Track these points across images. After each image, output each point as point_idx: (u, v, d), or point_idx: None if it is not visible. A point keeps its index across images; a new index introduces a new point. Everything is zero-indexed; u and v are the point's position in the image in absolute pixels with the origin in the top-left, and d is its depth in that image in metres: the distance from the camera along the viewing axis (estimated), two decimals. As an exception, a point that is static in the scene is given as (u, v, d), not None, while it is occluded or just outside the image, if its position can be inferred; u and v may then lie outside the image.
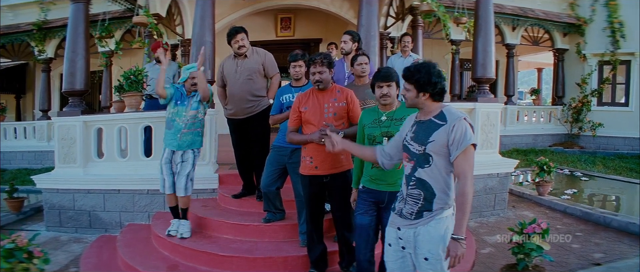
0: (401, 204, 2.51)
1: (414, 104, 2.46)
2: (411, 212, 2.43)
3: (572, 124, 12.25)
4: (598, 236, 4.94)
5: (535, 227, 3.25)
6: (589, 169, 9.11)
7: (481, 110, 5.81)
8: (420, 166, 2.40)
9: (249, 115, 4.71)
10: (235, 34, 4.57)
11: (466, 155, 2.30)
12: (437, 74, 2.41)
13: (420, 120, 2.48)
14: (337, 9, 10.58)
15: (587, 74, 12.12)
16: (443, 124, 2.36)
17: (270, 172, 4.12)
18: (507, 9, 11.50)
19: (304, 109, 3.50)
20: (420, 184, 2.41)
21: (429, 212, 2.39)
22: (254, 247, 4.01)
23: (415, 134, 2.45)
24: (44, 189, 5.68)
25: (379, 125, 2.99)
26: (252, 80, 4.69)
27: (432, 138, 2.36)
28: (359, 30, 5.45)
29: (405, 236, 2.46)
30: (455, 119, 2.34)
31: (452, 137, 2.31)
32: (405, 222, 2.46)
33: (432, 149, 2.36)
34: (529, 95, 14.89)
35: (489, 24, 5.98)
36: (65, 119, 5.58)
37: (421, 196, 2.40)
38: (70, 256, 4.87)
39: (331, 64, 3.48)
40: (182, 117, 4.32)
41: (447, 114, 2.39)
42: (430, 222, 2.39)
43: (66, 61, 5.59)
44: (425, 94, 2.40)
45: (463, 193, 2.28)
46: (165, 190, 4.40)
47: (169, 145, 4.37)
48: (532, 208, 6.27)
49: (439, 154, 2.36)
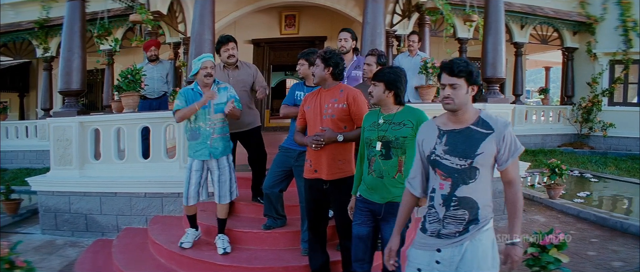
0: (436, 226, 2.20)
1: (462, 104, 2.13)
2: (456, 232, 2.16)
3: (582, 124, 11.99)
4: (615, 243, 4.71)
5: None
6: (600, 170, 8.86)
7: (491, 111, 5.57)
8: (464, 182, 2.13)
9: (245, 129, 4.54)
10: (226, 42, 4.40)
11: (516, 162, 2.16)
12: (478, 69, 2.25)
13: (454, 130, 2.18)
14: (342, 6, 10.38)
15: (598, 73, 11.86)
16: (490, 132, 2.11)
17: (274, 173, 3.96)
18: (516, 7, 11.27)
19: (306, 108, 3.35)
20: (464, 203, 2.13)
21: (476, 225, 2.15)
22: (253, 256, 3.83)
23: (450, 146, 2.16)
24: (39, 192, 5.54)
25: (376, 129, 2.79)
26: (247, 92, 4.54)
27: (481, 149, 2.10)
28: (364, 28, 5.26)
29: (448, 255, 2.16)
30: (503, 126, 2.11)
31: (504, 147, 2.10)
32: (448, 241, 2.17)
33: (481, 162, 2.11)
34: (537, 94, 14.65)
35: (500, 22, 5.76)
36: (61, 120, 5.43)
37: (466, 215, 2.14)
38: (64, 261, 4.71)
39: (329, 60, 3.21)
40: (208, 121, 3.94)
41: (490, 121, 2.14)
42: (478, 235, 2.14)
43: (62, 60, 5.44)
44: (474, 88, 2.15)
45: (516, 199, 2.15)
46: (188, 201, 4.00)
47: (198, 156, 3.97)
48: (543, 212, 6.05)
49: (486, 166, 2.14)
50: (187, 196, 3.99)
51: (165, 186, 5.15)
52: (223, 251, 3.88)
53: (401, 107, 2.83)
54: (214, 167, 4.01)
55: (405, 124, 2.75)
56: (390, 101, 2.78)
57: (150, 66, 6.44)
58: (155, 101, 6.42)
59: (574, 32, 12.30)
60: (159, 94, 6.50)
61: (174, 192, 5.10)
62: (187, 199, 4.00)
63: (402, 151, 2.74)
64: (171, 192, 5.13)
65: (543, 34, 12.49)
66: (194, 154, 4.00)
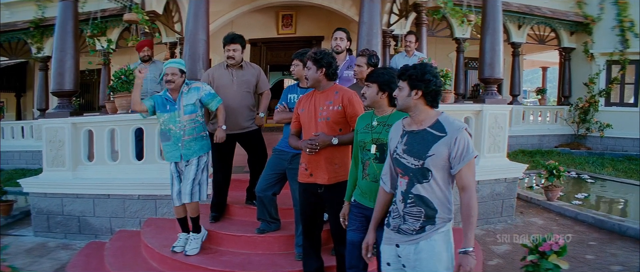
0: (398, 221, 2.30)
1: (405, 105, 2.27)
2: (412, 229, 2.23)
3: (579, 124, 11.97)
4: (614, 246, 4.67)
5: (552, 245, 2.99)
6: (597, 171, 8.82)
7: (489, 112, 5.53)
8: (418, 181, 2.21)
9: (246, 130, 4.44)
10: (230, 42, 4.28)
11: (470, 167, 2.16)
12: (433, 73, 2.23)
13: (413, 131, 2.26)
14: (339, 6, 10.34)
15: (595, 74, 11.85)
16: (442, 135, 2.17)
17: (268, 175, 3.89)
18: (513, 6, 11.23)
19: (301, 111, 3.27)
20: (420, 201, 2.21)
21: (432, 226, 2.21)
22: (247, 261, 3.76)
23: (408, 146, 2.24)
24: (31, 193, 5.46)
25: (370, 131, 2.72)
26: (250, 93, 4.45)
27: (432, 151, 2.16)
28: (360, 28, 5.21)
29: (405, 252, 2.26)
30: (456, 130, 2.16)
31: (455, 151, 2.14)
32: (405, 238, 2.26)
33: (432, 164, 2.16)
34: (534, 94, 14.60)
35: (497, 21, 5.71)
36: (53, 121, 5.36)
37: (422, 213, 2.21)
38: (56, 263, 4.64)
39: (321, 60, 3.13)
40: (178, 123, 3.91)
41: (446, 124, 2.20)
42: (433, 235, 2.21)
43: (54, 61, 5.37)
44: (417, 92, 2.20)
45: (469, 206, 2.14)
46: (173, 202, 4.04)
47: (170, 158, 3.97)
48: (540, 214, 6.00)
49: (439, 168, 2.17)
50: (172, 198, 4.03)
51: (158, 188, 5.07)
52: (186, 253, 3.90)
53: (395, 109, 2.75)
54: (182, 166, 4.01)
55: None
56: (385, 102, 2.72)
57: (143, 67, 6.36)
58: (148, 102, 6.34)
59: (571, 32, 12.28)
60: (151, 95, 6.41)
61: (167, 194, 4.99)
62: (173, 200, 4.03)
63: None
64: (165, 194, 5.06)
65: (540, 34, 12.46)
66: (166, 155, 4.03)
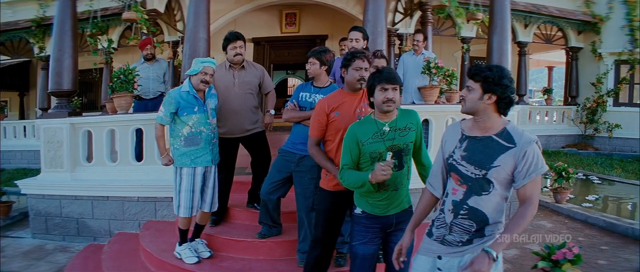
0: (443, 231, 2.12)
1: (474, 108, 2.04)
2: (459, 241, 2.06)
3: (587, 124, 11.80)
4: (627, 251, 4.51)
5: (566, 253, 2.85)
6: (606, 172, 8.66)
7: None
8: (476, 193, 2.02)
9: (250, 133, 4.29)
10: (235, 40, 4.10)
11: (536, 182, 1.96)
12: (510, 78, 2.02)
13: (476, 137, 2.06)
14: (343, 4, 10.22)
15: (603, 74, 11.67)
16: (511, 146, 1.97)
17: (273, 178, 3.71)
18: (520, 5, 11.07)
19: (335, 114, 2.86)
20: (473, 214, 2.03)
21: (481, 239, 2.03)
22: (247, 267, 3.64)
23: (468, 152, 2.05)
24: (29, 195, 5.38)
25: (382, 139, 2.46)
26: (252, 94, 4.29)
27: (497, 162, 1.97)
28: (365, 26, 5.07)
29: (448, 265, 2.09)
30: (527, 143, 1.95)
31: (523, 164, 1.94)
32: (450, 249, 2.09)
33: (495, 176, 1.98)
34: (540, 94, 14.43)
35: (505, 21, 5.57)
36: (51, 121, 5.27)
37: (473, 227, 2.04)
38: (53, 267, 4.55)
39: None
40: (209, 125, 3.74)
41: (515, 135, 1.99)
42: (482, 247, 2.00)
43: (52, 60, 5.28)
44: (492, 96, 1.99)
45: (523, 216, 1.93)
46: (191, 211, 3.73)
47: (201, 162, 3.71)
48: (549, 217, 5.85)
49: (501, 180, 1.98)
50: (190, 206, 3.72)
51: (158, 190, 4.97)
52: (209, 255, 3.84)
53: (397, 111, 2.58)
54: (210, 174, 3.82)
55: (409, 128, 2.54)
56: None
57: (146, 65, 6.25)
58: (151, 102, 6.21)
59: (578, 32, 12.11)
60: (154, 95, 6.30)
61: (167, 196, 4.91)
62: (190, 209, 3.72)
63: (410, 156, 2.57)
64: (164, 196, 4.95)
65: (547, 34, 12.28)
66: (193, 160, 3.69)
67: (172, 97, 3.66)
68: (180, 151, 3.70)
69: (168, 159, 3.72)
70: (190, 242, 3.89)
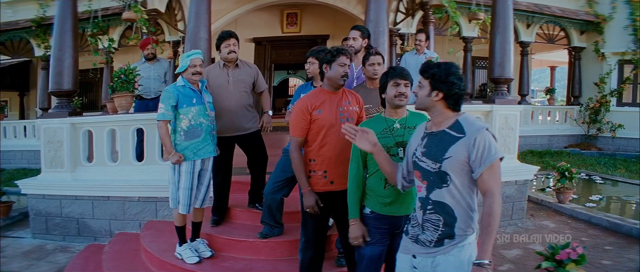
0: (416, 230, 2.15)
1: (424, 104, 2.13)
2: (430, 240, 2.08)
3: (590, 124, 11.75)
4: (632, 251, 4.48)
5: (570, 253, 2.81)
6: (609, 172, 8.61)
7: (499, 113, 5.37)
8: (437, 185, 2.05)
9: (246, 132, 4.26)
10: (228, 38, 4.10)
11: (493, 170, 1.96)
12: (458, 76, 2.06)
13: (432, 132, 2.12)
14: (344, 4, 10.17)
15: (606, 74, 11.61)
16: (461, 136, 2.01)
17: (277, 178, 3.70)
18: (522, 5, 11.02)
19: (317, 112, 2.85)
20: (439, 208, 2.05)
21: (451, 240, 2.04)
22: (248, 267, 3.61)
23: (426, 148, 2.10)
24: (29, 195, 5.36)
25: (391, 135, 2.50)
26: (247, 93, 4.28)
27: (449, 153, 2.01)
28: (366, 26, 5.04)
29: (422, 265, 2.11)
30: (476, 130, 1.99)
31: (475, 153, 1.95)
32: (423, 249, 2.12)
33: (450, 167, 2.00)
34: (543, 94, 14.37)
35: (508, 20, 5.54)
36: (51, 121, 5.25)
37: (441, 221, 2.05)
38: (53, 267, 4.53)
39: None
40: (208, 117, 3.74)
41: (465, 125, 2.03)
42: (452, 250, 2.04)
43: (53, 60, 5.26)
44: (439, 93, 2.05)
45: (490, 213, 1.92)
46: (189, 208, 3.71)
47: (206, 153, 3.72)
48: (552, 217, 5.82)
49: (458, 172, 2.00)
50: (189, 204, 3.70)
51: (159, 190, 4.93)
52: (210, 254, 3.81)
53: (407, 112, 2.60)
54: (208, 168, 3.81)
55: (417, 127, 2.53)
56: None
57: (147, 65, 6.24)
58: (152, 102, 6.18)
59: (581, 32, 12.05)
60: (155, 94, 6.27)
61: (168, 196, 4.84)
62: (189, 206, 3.70)
63: None
64: (165, 196, 4.85)
65: (549, 33, 12.24)
66: (196, 153, 3.68)
67: (169, 91, 3.68)
68: (182, 145, 3.68)
69: (178, 156, 3.63)
70: (190, 242, 3.87)
